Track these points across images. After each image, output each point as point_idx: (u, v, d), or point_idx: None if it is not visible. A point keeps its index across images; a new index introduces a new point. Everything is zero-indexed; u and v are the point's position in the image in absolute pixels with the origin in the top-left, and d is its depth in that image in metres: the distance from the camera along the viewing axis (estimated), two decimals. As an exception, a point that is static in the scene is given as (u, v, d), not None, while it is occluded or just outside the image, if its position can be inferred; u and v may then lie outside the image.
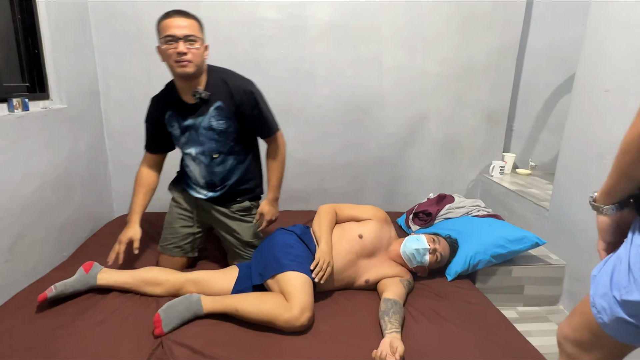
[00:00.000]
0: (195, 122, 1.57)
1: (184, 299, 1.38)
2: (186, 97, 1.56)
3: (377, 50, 2.42)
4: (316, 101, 2.45)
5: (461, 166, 2.71)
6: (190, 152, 1.64)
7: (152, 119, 1.66)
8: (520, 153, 2.89)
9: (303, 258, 1.52)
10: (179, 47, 1.41)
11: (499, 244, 1.80)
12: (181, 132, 1.61)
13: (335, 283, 1.61)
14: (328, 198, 2.63)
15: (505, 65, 2.55)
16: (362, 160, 2.60)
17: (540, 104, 2.81)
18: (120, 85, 2.28)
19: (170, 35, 1.42)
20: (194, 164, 1.68)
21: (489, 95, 2.59)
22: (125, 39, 2.22)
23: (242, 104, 1.55)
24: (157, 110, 1.64)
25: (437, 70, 2.49)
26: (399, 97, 2.51)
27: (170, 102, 1.60)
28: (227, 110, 1.55)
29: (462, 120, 2.61)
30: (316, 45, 2.36)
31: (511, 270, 1.88)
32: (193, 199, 1.77)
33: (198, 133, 1.58)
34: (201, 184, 1.71)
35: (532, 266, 1.91)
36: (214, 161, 1.64)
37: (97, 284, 1.48)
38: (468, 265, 1.76)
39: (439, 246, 1.70)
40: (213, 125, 1.57)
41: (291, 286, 1.39)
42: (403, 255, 1.68)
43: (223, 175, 1.68)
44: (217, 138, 1.59)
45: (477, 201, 2.26)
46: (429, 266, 1.69)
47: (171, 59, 1.44)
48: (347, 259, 1.60)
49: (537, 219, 2.15)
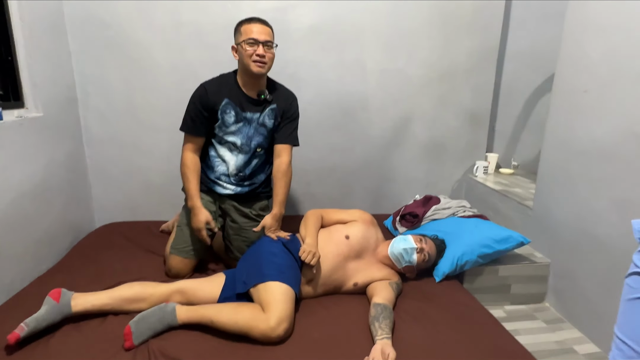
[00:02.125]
0: (253, 116, 1.71)
1: (158, 309, 1.34)
2: (249, 91, 1.70)
3: (360, 53, 2.42)
4: (300, 106, 2.40)
5: (446, 167, 2.73)
6: (235, 141, 1.73)
7: (203, 102, 1.68)
8: (503, 153, 2.93)
9: (286, 267, 1.50)
10: (259, 50, 1.59)
11: (485, 244, 1.82)
12: (236, 121, 1.70)
13: (324, 287, 1.61)
14: (315, 203, 2.62)
15: (486, 67, 2.59)
16: (347, 163, 2.60)
17: (521, 105, 2.85)
18: (98, 92, 2.23)
19: (253, 39, 1.59)
20: (231, 155, 1.75)
21: (471, 96, 2.62)
22: (104, 44, 2.17)
23: (288, 110, 1.77)
24: (213, 94, 1.68)
25: (420, 72, 2.51)
26: (382, 100, 2.52)
27: (230, 91, 1.70)
28: (277, 112, 1.75)
29: (446, 122, 2.64)
30: (299, 49, 2.35)
31: (498, 269, 1.90)
32: (215, 199, 1.80)
33: (251, 126, 1.72)
34: (232, 176, 1.76)
35: (518, 265, 1.93)
36: (256, 154, 1.77)
37: (73, 311, 1.37)
38: (455, 265, 1.78)
39: (426, 246, 1.71)
40: (266, 122, 1.74)
41: (270, 296, 1.37)
42: (391, 255, 1.68)
43: (255, 169, 1.79)
44: (265, 134, 1.75)
45: (463, 202, 2.28)
46: (417, 266, 1.70)
47: (250, 58, 1.61)
48: (335, 262, 1.60)
49: (522, 218, 2.17)
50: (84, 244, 2.04)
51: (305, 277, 1.58)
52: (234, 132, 1.72)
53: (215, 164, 1.77)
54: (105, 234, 2.14)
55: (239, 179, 1.78)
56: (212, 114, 1.70)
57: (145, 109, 2.29)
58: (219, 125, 1.71)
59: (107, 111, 2.27)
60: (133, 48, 2.20)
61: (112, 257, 1.87)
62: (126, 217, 2.41)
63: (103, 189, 2.37)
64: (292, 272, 1.50)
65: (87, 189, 2.32)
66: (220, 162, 1.77)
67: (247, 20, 1.64)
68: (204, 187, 1.80)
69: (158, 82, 2.25)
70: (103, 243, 2.03)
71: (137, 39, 2.19)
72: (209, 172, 1.79)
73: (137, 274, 1.71)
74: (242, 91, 1.70)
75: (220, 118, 1.70)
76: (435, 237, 1.85)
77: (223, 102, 1.68)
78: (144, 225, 2.27)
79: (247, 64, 1.62)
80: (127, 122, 2.29)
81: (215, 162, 1.77)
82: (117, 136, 2.31)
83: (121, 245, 2.01)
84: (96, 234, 2.17)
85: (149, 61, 2.23)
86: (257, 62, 1.60)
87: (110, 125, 2.28)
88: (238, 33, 1.64)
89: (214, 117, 1.70)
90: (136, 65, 2.23)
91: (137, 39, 2.18)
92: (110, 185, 2.37)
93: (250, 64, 1.61)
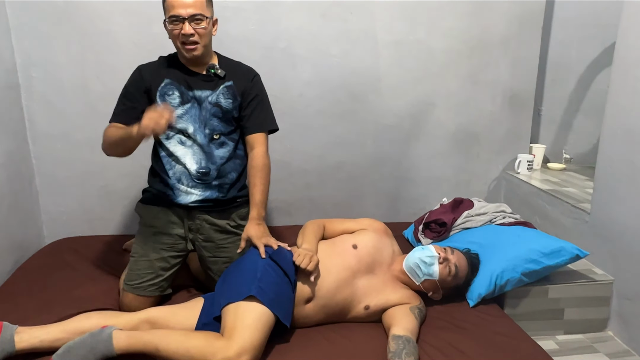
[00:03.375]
0: (202, 95, 1.72)
1: (90, 336, 1.34)
2: (194, 67, 1.73)
3: (370, 22, 2.41)
4: (296, 88, 2.44)
5: (479, 162, 2.72)
6: (185, 127, 1.72)
7: (137, 86, 1.72)
8: (552, 143, 2.92)
9: (271, 283, 1.49)
10: (185, 29, 1.58)
11: (531, 259, 1.81)
12: (182, 102, 1.71)
13: (326, 310, 1.60)
14: (316, 209, 2.61)
15: (528, 37, 2.57)
16: (356, 160, 2.59)
17: (573, 83, 2.84)
18: (46, 76, 2.24)
19: (175, 16, 1.58)
20: (184, 148, 1.74)
21: (511, 73, 2.61)
22: (52, 18, 2.17)
23: (250, 88, 1.78)
24: (149, 76, 1.71)
25: (445, 45, 2.50)
26: (398, 80, 2.51)
27: (170, 69, 1.73)
28: (235, 91, 1.76)
29: (479, 106, 2.62)
30: (294, 18, 2.34)
31: (547, 290, 1.89)
32: (180, 217, 1.78)
33: (202, 107, 1.72)
34: (192, 175, 1.74)
35: (572, 284, 1.92)
36: (214, 142, 1.76)
37: (17, 348, 1.37)
38: (494, 286, 1.77)
39: (453, 256, 1.70)
40: (221, 102, 1.74)
41: (238, 319, 1.37)
42: (406, 267, 1.69)
43: (221, 163, 1.77)
44: (221, 117, 1.75)
45: (502, 206, 2.28)
46: (442, 284, 1.69)
47: (177, 40, 1.62)
48: (340, 277, 1.60)
49: (576, 224, 2.16)
50: (31, 265, 2.04)
51: (302, 295, 1.57)
52: (181, 116, 1.72)
53: (170, 165, 1.75)
54: (57, 252, 2.14)
55: (204, 178, 1.75)
56: (149, 100, 1.71)
57: (104, 97, 2.27)
58: None
59: (57, 100, 2.27)
60: (88, 21, 2.20)
61: (66, 281, 1.87)
62: (82, 231, 2.41)
63: (53, 197, 2.36)
64: (278, 290, 1.49)
65: (33, 196, 2.32)
66: (174, 162, 1.75)
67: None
68: (161, 202, 1.78)
69: (119, 62, 2.24)
70: (54, 263, 2.03)
71: (92, 10, 2.19)
72: (165, 179, 1.76)
73: (96, 301, 1.71)
74: (185, 68, 1.72)
75: (161, 102, 1.70)
76: (467, 250, 1.84)
77: (163, 83, 1.70)
78: (104, 241, 2.27)
79: (176, 47, 1.66)
80: (82, 113, 2.29)
81: (170, 164, 1.75)
82: (70, 131, 2.31)
83: (76, 266, 2.01)
84: (45, 252, 2.17)
85: (108, 37, 2.23)
86: (186, 43, 1.61)
87: (61, 118, 2.28)
88: (163, 8, 1.64)
89: (151, 103, 1.70)
90: (92, 43, 2.23)
91: (92, 9, 2.19)
92: (62, 191, 2.37)
93: (179, 47, 1.64)
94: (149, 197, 1.81)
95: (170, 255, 1.76)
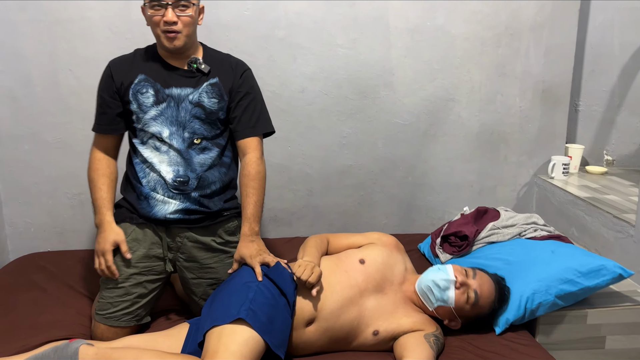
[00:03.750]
0: (182, 94, 1.70)
1: (53, 351, 1.36)
2: (173, 61, 1.72)
3: (381, 6, 2.41)
4: (297, 83, 2.44)
5: (507, 166, 2.71)
6: (158, 132, 1.71)
7: (106, 87, 1.73)
8: (591, 144, 2.91)
9: (263, 305, 1.49)
10: (168, 15, 1.57)
11: (566, 279, 1.80)
12: (156, 102, 1.70)
13: (330, 334, 1.60)
14: (320, 219, 2.62)
15: (563, 22, 2.56)
16: (365, 163, 2.59)
17: (615, 74, 2.83)
18: (10, 69, 2.26)
19: (157, 0, 1.57)
20: (159, 155, 1.73)
21: (543, 64, 2.60)
22: (16, 3, 2.19)
23: (240, 86, 1.76)
24: (121, 72, 1.71)
25: (468, 31, 2.50)
26: (414, 73, 2.51)
27: (145, 64, 1.72)
28: (222, 89, 1.74)
29: (506, 101, 2.62)
30: (294, 2, 2.35)
31: (586, 315, 1.88)
32: (159, 235, 1.76)
33: (180, 108, 1.70)
34: (169, 184, 1.73)
35: (615, 308, 1.90)
36: (194, 148, 1.74)
37: None
38: (524, 310, 1.76)
39: (474, 281, 1.69)
40: (204, 101, 1.72)
41: (221, 344, 1.37)
42: (418, 290, 1.70)
43: (202, 172, 1.75)
44: (204, 118, 1.73)
45: (533, 216, 2.26)
46: (460, 312, 1.68)
47: (157, 28, 1.61)
48: (346, 296, 1.61)
49: (620, 238, 2.14)
50: (-7, 285, 2.05)
51: (302, 316, 1.57)
52: (154, 117, 1.70)
53: (144, 172, 1.75)
54: (22, 270, 2.15)
55: (182, 188, 1.73)
56: (122, 100, 1.72)
57: (77, 92, 2.30)
58: (135, 113, 1.71)
59: (23, 96, 2.28)
60: (59, 6, 2.22)
61: (32, 304, 1.87)
62: (52, 246, 2.43)
63: (19, 207, 2.38)
64: (272, 313, 1.49)
65: (-4, 206, 2.33)
66: (149, 169, 1.74)
67: None
68: (136, 217, 1.76)
69: (94, 53, 2.26)
70: (19, 283, 2.04)
71: (63, -7, 2.21)
72: (139, 187, 1.75)
73: (66, 328, 1.71)
74: (164, 62, 1.72)
75: (135, 102, 1.69)
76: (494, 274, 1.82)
77: (136, 80, 1.70)
78: (76, 257, 2.28)
79: (156, 35, 1.65)
80: (52, 110, 2.31)
81: (143, 171, 1.75)
82: (38, 130, 2.33)
83: (44, 286, 2.02)
84: (9, 270, 2.18)
85: (81, 23, 2.25)
86: (167, 32, 1.60)
87: (28, 116, 2.30)
88: None
89: (126, 104, 1.71)
90: (64, 31, 2.24)
91: (63, -8, 2.21)
92: (28, 200, 2.39)
93: (159, 35, 1.63)
94: (122, 212, 1.78)
95: (147, 280, 1.74)
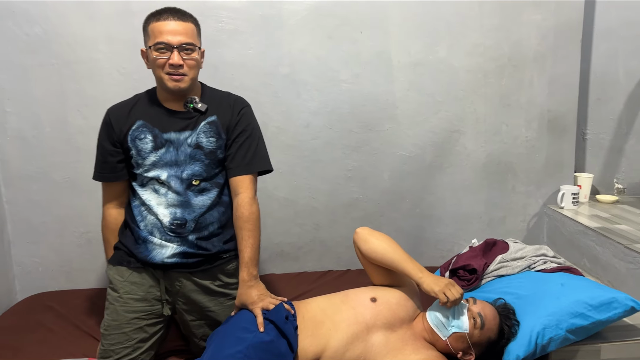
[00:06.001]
0: (180, 137, 1.71)
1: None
2: (172, 104, 1.73)
3: (383, 42, 2.45)
4: (302, 118, 2.47)
5: (515, 196, 2.70)
6: (157, 175, 1.71)
7: (109, 134, 1.74)
8: (601, 172, 2.89)
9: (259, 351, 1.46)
10: (174, 58, 1.60)
11: (577, 313, 1.77)
12: (155, 148, 1.71)
13: None
14: (327, 253, 2.62)
15: (567, 51, 2.58)
16: (371, 196, 2.60)
17: (622, 101, 2.82)
18: (21, 111, 2.30)
19: (164, 43, 1.60)
20: (157, 197, 1.73)
21: (548, 93, 2.61)
22: (28, 47, 2.25)
23: (238, 123, 1.77)
24: (119, 120, 1.72)
25: (470, 63, 2.52)
26: (418, 106, 2.53)
27: (144, 109, 1.74)
28: (219, 127, 1.74)
29: (512, 132, 2.63)
30: (297, 40, 2.39)
31: (599, 350, 1.85)
32: (157, 279, 1.75)
33: (179, 151, 1.71)
34: (165, 227, 1.71)
35: (630, 342, 1.86)
36: (193, 189, 1.74)
37: None
38: (534, 345, 1.73)
39: (474, 306, 1.70)
40: (202, 142, 1.72)
41: None
42: (431, 319, 1.68)
43: (200, 213, 1.74)
44: (203, 159, 1.73)
45: (542, 248, 2.24)
46: (472, 339, 1.66)
47: (161, 70, 1.63)
48: (350, 333, 1.61)
49: (632, 269, 2.12)
50: (0, 326, 2.06)
51: (306, 357, 1.56)
52: (154, 163, 1.70)
53: (141, 216, 1.74)
54: (30, 311, 2.17)
55: (179, 231, 1.72)
56: (122, 147, 1.73)
57: (84, 131, 2.34)
58: (134, 159, 1.71)
59: (33, 137, 2.33)
60: (67, 49, 2.27)
61: (39, 345, 1.88)
62: (59, 285, 2.44)
63: (27, 246, 2.40)
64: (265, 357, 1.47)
65: (4, 246, 2.36)
66: (147, 212, 1.74)
67: (155, 15, 1.65)
68: (133, 261, 1.74)
69: (102, 93, 2.31)
70: (27, 324, 2.05)
71: (73, 37, 2.27)
72: (137, 230, 1.74)
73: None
74: (162, 106, 1.73)
75: (134, 148, 1.70)
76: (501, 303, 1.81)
77: (134, 126, 1.71)
78: (84, 296, 2.28)
79: (159, 77, 1.66)
80: (61, 150, 2.35)
81: (141, 214, 1.75)
82: (47, 171, 2.36)
83: (52, 327, 2.03)
84: (17, 310, 2.19)
85: (90, 65, 2.30)
86: (172, 74, 1.63)
87: (38, 157, 2.34)
88: (145, 34, 1.67)
89: (126, 151, 1.72)
90: (72, 73, 2.30)
91: (73, 36, 2.27)
92: (36, 239, 2.41)
93: (162, 77, 1.64)
94: (120, 255, 1.77)
95: (148, 324, 1.72)
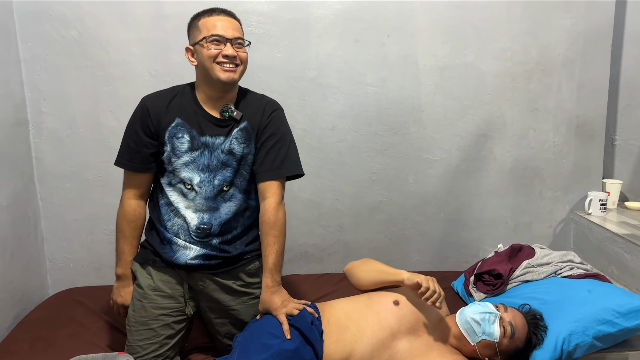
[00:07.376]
0: (215, 142, 1.71)
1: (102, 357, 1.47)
2: (211, 109, 1.73)
3: (410, 46, 2.46)
4: (328, 121, 2.50)
5: (542, 202, 2.69)
6: (189, 177, 1.71)
7: (144, 123, 1.72)
8: (630, 178, 2.87)
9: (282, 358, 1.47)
10: (228, 50, 1.63)
11: (604, 320, 1.77)
12: (191, 149, 1.71)
13: None
14: (350, 255, 2.62)
15: (595, 56, 2.57)
16: (396, 199, 2.60)
17: (652, 107, 2.80)
18: (56, 112, 2.36)
19: (218, 36, 1.63)
20: (184, 200, 1.73)
21: (577, 98, 2.60)
22: (64, 49, 2.32)
23: (267, 126, 1.76)
24: (158, 112, 1.71)
25: (498, 68, 2.52)
26: (445, 110, 2.54)
27: (182, 106, 1.73)
28: (250, 132, 1.74)
29: (540, 137, 2.62)
30: (325, 43, 2.42)
31: (627, 358, 1.84)
32: (180, 278, 1.77)
33: (213, 156, 1.71)
34: (191, 230, 1.72)
35: (657, 351, 1.85)
36: (222, 195, 1.74)
37: None
38: (560, 352, 1.73)
39: (506, 314, 1.70)
40: (234, 148, 1.72)
41: None
42: (461, 323, 1.68)
43: (226, 219, 1.75)
44: (234, 165, 1.73)
45: (569, 254, 2.24)
46: (500, 347, 1.67)
47: (214, 60, 1.64)
48: (376, 339, 1.61)
49: (661, 277, 2.10)
50: (33, 319, 2.10)
51: None
52: (187, 164, 1.70)
53: (169, 216, 1.74)
54: (63, 305, 2.20)
55: (202, 234, 1.73)
56: (157, 140, 1.72)
57: (117, 133, 2.33)
58: (167, 155, 1.71)
59: (67, 137, 2.39)
60: (102, 51, 2.34)
61: (71, 338, 1.92)
62: (89, 281, 2.49)
63: (59, 242, 2.45)
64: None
65: (38, 242, 2.41)
66: (173, 214, 1.74)
67: (206, 12, 1.69)
68: (159, 261, 1.75)
69: (134, 95, 2.31)
70: (59, 317, 2.09)
71: (106, 39, 2.33)
72: (162, 231, 1.75)
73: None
74: (201, 109, 1.72)
75: (169, 144, 1.70)
76: (527, 309, 1.81)
77: (173, 123, 1.70)
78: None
79: (209, 69, 1.64)
80: (94, 150, 2.41)
81: (168, 214, 1.75)
82: (80, 170, 2.42)
83: (83, 321, 2.06)
84: (50, 304, 2.24)
85: (123, 67, 2.36)
86: (226, 64, 1.64)
87: (71, 156, 2.40)
88: (195, 29, 1.69)
89: (160, 145, 1.72)
90: (106, 74, 2.36)
91: (106, 39, 2.33)
92: (69, 236, 2.47)
93: (214, 68, 1.64)
94: (146, 254, 1.79)
95: (174, 321, 1.74)
